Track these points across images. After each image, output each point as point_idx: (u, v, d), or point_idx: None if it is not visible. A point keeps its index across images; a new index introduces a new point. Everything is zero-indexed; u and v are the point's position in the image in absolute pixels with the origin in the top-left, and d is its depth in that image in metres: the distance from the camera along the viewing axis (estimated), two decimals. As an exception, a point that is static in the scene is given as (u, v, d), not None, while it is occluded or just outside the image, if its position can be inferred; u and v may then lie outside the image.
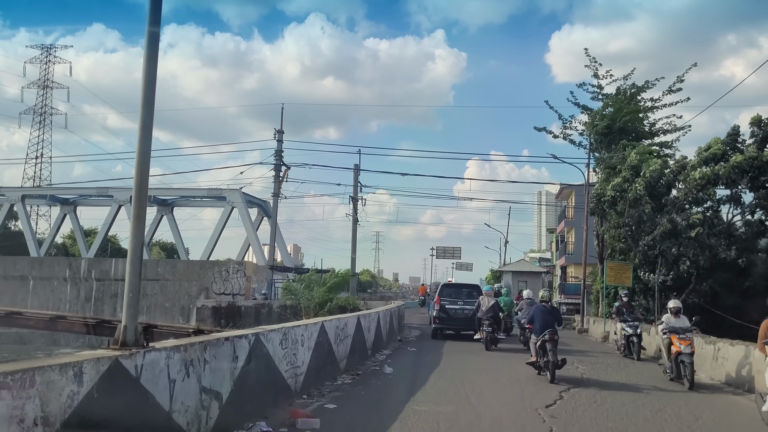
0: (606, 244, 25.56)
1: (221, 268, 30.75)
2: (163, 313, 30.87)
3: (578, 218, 52.03)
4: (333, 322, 10.95)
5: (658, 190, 20.94)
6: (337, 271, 26.90)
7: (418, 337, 21.28)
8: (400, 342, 18.75)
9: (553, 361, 11.05)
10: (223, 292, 30.64)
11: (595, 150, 26.37)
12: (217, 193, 40.27)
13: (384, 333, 16.87)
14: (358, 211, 42.02)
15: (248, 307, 28.56)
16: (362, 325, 13.25)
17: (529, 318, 13.01)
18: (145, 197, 5.96)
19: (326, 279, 26.42)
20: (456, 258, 70.37)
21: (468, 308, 19.60)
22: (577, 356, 15.80)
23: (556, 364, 11.07)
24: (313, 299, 24.78)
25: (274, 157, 31.24)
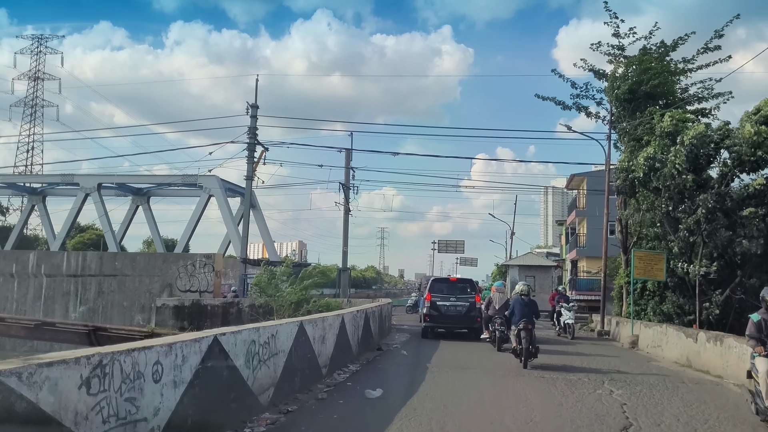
0: (631, 232, 21.60)
1: (186, 262, 26.93)
2: (121, 314, 27.13)
3: (591, 207, 47.98)
4: (244, 334, 7.08)
5: (700, 162, 16.94)
6: (316, 265, 23.14)
7: (404, 343, 17.44)
8: (379, 352, 14.89)
9: (526, 348, 12.43)
10: (188, 288, 26.83)
11: (616, 121, 22.37)
12: (192, 179, 36.44)
13: (354, 342, 13.03)
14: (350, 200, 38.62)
15: (215, 306, 24.72)
16: (309, 334, 9.38)
17: (510, 310, 13.91)
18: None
19: (305, 274, 22.68)
20: (459, 252, 66.39)
21: (461, 305, 18.55)
22: (618, 382, 11.86)
23: (529, 352, 12.46)
24: (285, 298, 21.09)
25: (248, 135, 27.41)
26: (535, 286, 45.03)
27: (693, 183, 16.52)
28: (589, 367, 13.04)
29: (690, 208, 17.42)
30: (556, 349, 16.27)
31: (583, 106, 23.27)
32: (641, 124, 20.56)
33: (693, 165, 16.70)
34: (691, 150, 16.47)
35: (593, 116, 23.61)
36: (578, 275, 50.95)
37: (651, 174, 17.47)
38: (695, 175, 16.85)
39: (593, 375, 11.75)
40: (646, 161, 17.69)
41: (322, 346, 10.23)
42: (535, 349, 12.59)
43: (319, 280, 22.06)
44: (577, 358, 14.44)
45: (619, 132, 22.03)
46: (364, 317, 14.35)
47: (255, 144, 27.51)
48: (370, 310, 15.36)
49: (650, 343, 16.76)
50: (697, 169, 17.03)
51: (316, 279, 21.93)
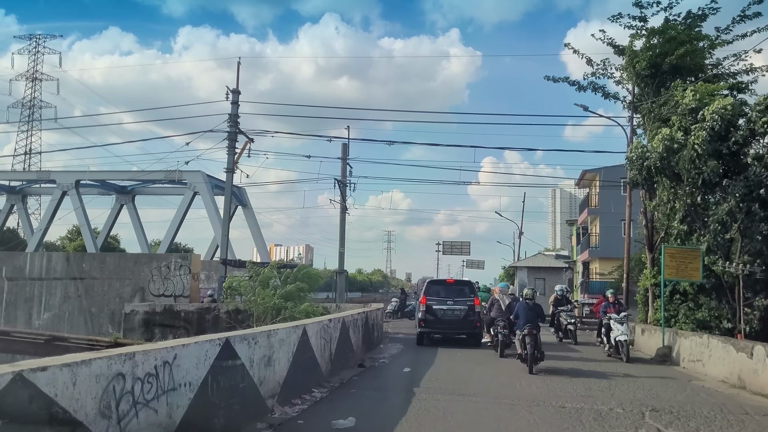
0: (657, 227, 18.87)
1: (160, 264, 24.34)
2: (89, 321, 24.60)
3: (605, 204, 45.15)
4: (96, 366, 4.46)
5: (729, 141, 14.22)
6: (301, 266, 20.57)
7: (394, 356, 14.79)
8: (361, 369, 12.25)
9: (531, 353, 12.16)
10: (162, 293, 24.23)
11: (638, 101, 19.65)
12: (176, 175, 33.92)
13: (324, 359, 10.41)
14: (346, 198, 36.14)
15: (190, 312, 22.32)
16: (242, 356, 6.78)
17: (514, 314, 13.62)
18: None
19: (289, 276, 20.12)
20: (465, 254, 63.59)
21: (459, 308, 17.28)
22: (663, 414, 9.18)
23: (534, 357, 12.18)
24: (259, 304, 18.59)
25: (228, 123, 24.85)
26: (545, 289, 42.32)
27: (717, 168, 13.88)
28: (619, 390, 10.36)
29: (721, 197, 14.80)
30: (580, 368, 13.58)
31: (599, 85, 20.56)
32: (666, 103, 17.87)
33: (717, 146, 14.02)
34: (713, 128, 13.78)
35: (611, 97, 20.89)
36: (590, 278, 48.13)
37: (669, 158, 14.77)
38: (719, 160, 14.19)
39: (628, 404, 9.06)
40: (662, 142, 15.00)
41: (268, 371, 7.60)
42: (540, 354, 12.46)
43: (302, 284, 19.52)
44: (604, 380, 11.71)
45: (642, 113, 19.29)
46: (340, 327, 11.71)
47: (236, 133, 24.94)
48: (350, 318, 12.72)
49: (687, 357, 14.03)
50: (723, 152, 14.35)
51: (299, 284, 19.44)
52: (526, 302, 13.32)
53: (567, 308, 19.32)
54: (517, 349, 13.08)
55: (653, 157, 15.39)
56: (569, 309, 19.37)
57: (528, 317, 12.80)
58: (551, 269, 41.85)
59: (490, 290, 22.87)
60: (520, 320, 12.92)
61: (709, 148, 14.29)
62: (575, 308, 20.13)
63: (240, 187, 39.27)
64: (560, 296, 19.74)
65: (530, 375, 11.84)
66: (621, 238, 46.23)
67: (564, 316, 19.12)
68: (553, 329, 19.96)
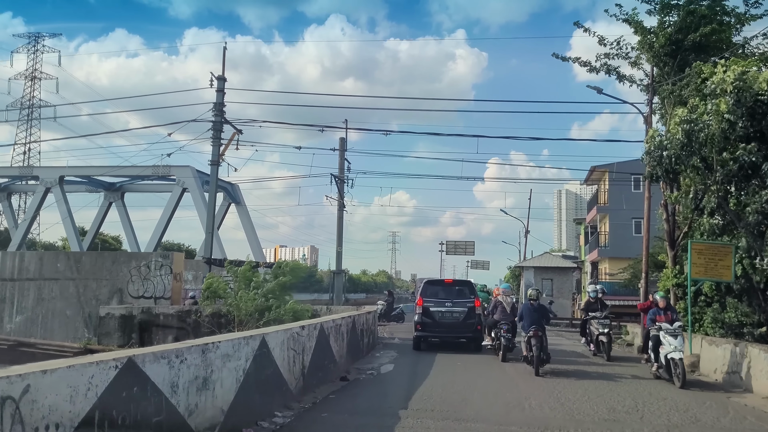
0: (679, 221, 17.06)
1: (140, 263, 22.70)
2: (64, 324, 23.03)
3: (615, 201, 43.27)
4: None
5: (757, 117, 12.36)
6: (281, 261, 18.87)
7: (385, 366, 13.02)
8: (342, 384, 10.51)
9: (537, 355, 11.84)
10: (142, 294, 22.63)
11: (657, 82, 17.84)
12: (164, 171, 32.26)
13: (294, 374, 8.68)
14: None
15: (169, 316, 20.63)
16: (157, 381, 5.03)
17: (519, 315, 13.47)
18: None
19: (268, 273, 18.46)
20: (469, 254, 61.80)
21: (458, 310, 16.09)
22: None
23: (540, 359, 11.88)
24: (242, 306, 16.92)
25: (213, 112, 23.17)
26: (552, 290, 40.50)
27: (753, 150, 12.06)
28: (649, 412, 8.58)
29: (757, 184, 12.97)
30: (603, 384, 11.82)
31: (613, 67, 18.73)
32: (688, 84, 16.06)
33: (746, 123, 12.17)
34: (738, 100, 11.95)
35: (626, 80, 19.05)
36: (599, 278, 46.25)
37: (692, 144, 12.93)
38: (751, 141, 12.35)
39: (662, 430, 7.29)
40: (681, 124, 13.15)
41: (203, 396, 5.86)
42: (546, 356, 12.21)
43: (285, 280, 17.84)
44: (629, 398, 9.93)
45: (661, 95, 17.48)
46: (317, 335, 9.96)
47: (221, 123, 23.25)
48: (331, 324, 10.96)
49: (719, 368, 12.22)
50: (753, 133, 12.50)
51: (280, 279, 17.77)
52: (530, 303, 13.03)
53: (600, 314, 15.73)
54: (523, 350, 12.76)
55: (673, 145, 13.56)
56: (603, 315, 15.72)
57: (533, 318, 12.51)
58: (559, 269, 40.03)
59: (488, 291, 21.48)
60: (525, 321, 12.63)
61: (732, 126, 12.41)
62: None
63: (233, 184, 37.68)
64: (593, 299, 16.13)
65: (542, 391, 10.08)
66: (632, 237, 44.53)
67: (596, 324, 15.58)
68: (584, 339, 16.61)
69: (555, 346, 17.05)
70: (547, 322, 13.20)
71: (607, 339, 15.02)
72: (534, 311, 12.81)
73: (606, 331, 15.15)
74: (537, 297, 13.45)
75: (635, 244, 41.14)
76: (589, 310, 16.06)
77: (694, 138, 12.93)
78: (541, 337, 12.21)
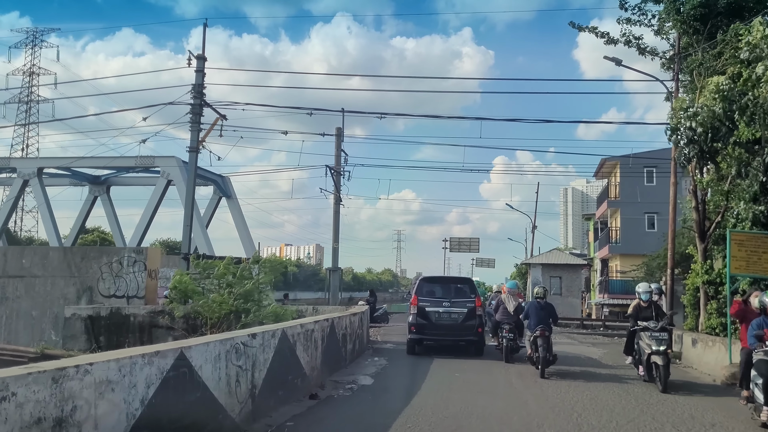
0: (710, 209, 14.99)
1: (111, 259, 20.75)
2: (29, 326, 21.12)
3: (627, 195, 41.14)
4: None
5: None
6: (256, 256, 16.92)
7: (370, 377, 11.02)
8: (311, 403, 8.53)
9: (543, 356, 11.32)
10: (113, 293, 20.69)
11: (685, 52, 15.75)
12: (148, 162, 30.34)
13: (240, 395, 6.71)
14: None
15: (140, 316, 18.73)
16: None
17: (524, 314, 12.80)
18: None
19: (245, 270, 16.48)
20: (474, 251, 59.75)
21: (457, 311, 14.53)
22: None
23: (546, 360, 11.33)
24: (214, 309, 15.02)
25: (192, 94, 21.21)
26: (561, 289, 38.43)
27: None
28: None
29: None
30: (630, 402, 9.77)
31: (634, 37, 16.66)
32: (722, 53, 13.98)
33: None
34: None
35: (648, 53, 16.99)
36: (610, 276, 44.17)
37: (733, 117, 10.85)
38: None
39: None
40: (719, 95, 11.09)
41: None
42: (552, 357, 11.67)
43: (265, 279, 15.92)
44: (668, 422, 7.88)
45: (690, 67, 15.37)
46: (275, 345, 7.96)
47: (201, 106, 21.28)
48: (296, 330, 8.95)
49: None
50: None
51: (259, 277, 15.85)
52: (537, 301, 12.46)
53: (655, 325, 10.68)
54: (528, 350, 12.34)
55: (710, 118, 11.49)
56: (659, 326, 10.67)
57: (539, 317, 11.98)
58: (568, 266, 37.85)
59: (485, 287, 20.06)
60: (531, 321, 12.12)
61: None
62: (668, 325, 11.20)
63: (224, 177, 35.78)
64: (645, 302, 11.41)
65: (557, 414, 8.06)
66: (645, 233, 42.35)
67: (647, 339, 10.62)
68: (630, 359, 12.05)
69: (568, 353, 15.06)
70: (554, 321, 12.59)
71: (664, 361, 10.17)
72: (540, 309, 12.19)
73: (662, 349, 10.31)
74: (544, 295, 12.70)
75: (648, 240, 39.08)
76: (639, 318, 11.19)
77: (737, 109, 10.87)
78: (548, 337, 11.63)
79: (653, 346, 10.42)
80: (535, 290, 13.13)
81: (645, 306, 11.43)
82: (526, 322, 12.72)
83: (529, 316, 12.36)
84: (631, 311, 11.80)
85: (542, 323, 11.85)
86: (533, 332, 11.86)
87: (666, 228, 33.74)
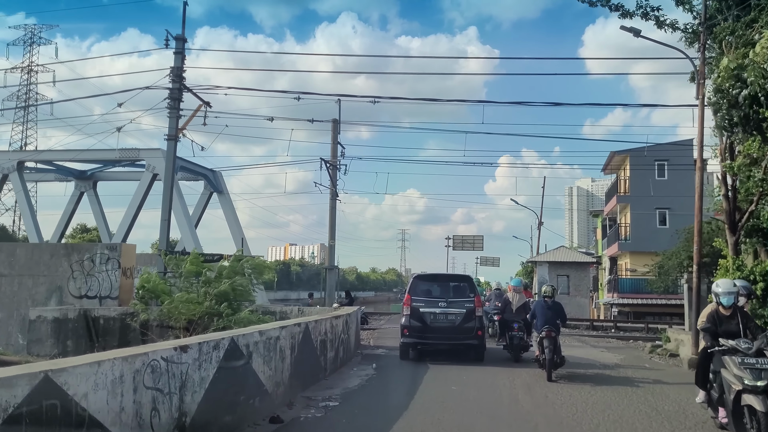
0: (740, 198, 13.28)
1: (82, 257, 19.15)
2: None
3: (639, 189, 39.43)
4: None
5: None
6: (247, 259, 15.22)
7: (351, 393, 9.37)
8: (273, 428, 6.89)
9: (549, 358, 10.83)
10: (85, 293, 19.05)
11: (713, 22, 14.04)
12: (132, 155, 28.77)
13: (163, 425, 5.03)
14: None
15: (111, 319, 17.25)
16: None
17: (531, 314, 12.26)
18: None
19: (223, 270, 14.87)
20: (477, 249, 57.90)
21: (454, 312, 13.18)
22: None
23: (553, 362, 10.86)
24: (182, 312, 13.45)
25: (170, 78, 19.61)
26: (569, 288, 36.69)
27: None
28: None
29: None
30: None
31: (652, 8, 14.94)
32: (755, 20, 12.30)
33: None
34: None
35: (668, 27, 15.26)
36: (620, 274, 42.38)
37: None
38: None
39: None
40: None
41: None
42: (560, 359, 11.15)
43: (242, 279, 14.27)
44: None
45: (718, 38, 13.64)
46: (220, 359, 6.30)
47: (180, 90, 19.65)
48: (253, 339, 7.29)
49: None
50: None
51: (237, 278, 14.22)
52: (544, 300, 11.89)
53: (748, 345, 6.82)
54: (536, 351, 11.77)
55: (752, 82, 9.79)
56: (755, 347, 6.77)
57: (546, 317, 11.45)
58: (576, 264, 36.15)
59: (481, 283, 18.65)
60: (538, 321, 11.57)
61: None
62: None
63: (215, 171, 34.19)
64: (728, 308, 7.42)
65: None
66: (656, 229, 40.50)
67: (737, 367, 6.67)
68: (702, 394, 7.71)
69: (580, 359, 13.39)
70: (562, 321, 12.09)
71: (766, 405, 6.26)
72: (548, 309, 11.60)
73: (762, 385, 6.41)
74: (552, 294, 12.05)
75: (660, 237, 37.25)
76: (720, 334, 7.26)
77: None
78: (555, 338, 11.14)
79: (746, 379, 6.49)
80: (543, 289, 12.47)
81: (727, 315, 7.41)
82: (533, 322, 12.04)
83: (536, 316, 11.78)
84: (704, 321, 7.74)
85: (549, 323, 11.26)
86: (540, 333, 11.31)
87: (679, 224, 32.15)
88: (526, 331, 13.41)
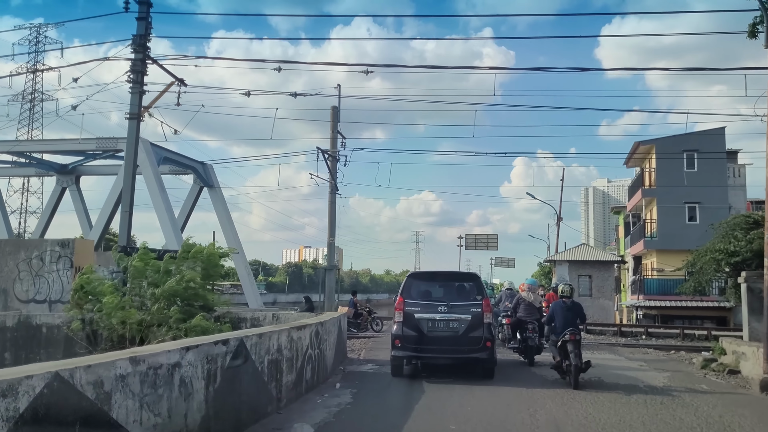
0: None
1: (30, 255, 16.63)
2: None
3: (668, 179, 36.25)
4: None
5: None
6: (187, 244, 12.57)
7: (319, 428, 6.61)
8: None
9: (576, 364, 9.90)
10: (33, 297, 16.58)
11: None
12: (110, 144, 26.24)
13: None
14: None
15: (54, 327, 14.61)
16: None
17: (548, 316, 11.18)
18: None
19: (173, 265, 12.19)
20: (491, 249, 55.05)
21: (457, 319, 10.53)
22: None
23: (579, 368, 9.91)
24: (113, 320, 10.88)
25: (132, 47, 16.98)
26: (590, 289, 33.71)
27: None
28: None
29: None
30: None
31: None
32: None
33: None
34: None
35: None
36: (645, 275, 39.20)
37: None
38: None
39: None
40: None
41: None
42: (585, 364, 10.00)
43: (193, 273, 11.60)
44: None
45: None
46: (24, 410, 3.53)
47: (144, 60, 17.01)
48: (119, 372, 4.53)
49: None
50: None
51: (189, 273, 11.57)
52: (563, 301, 10.88)
53: None
54: (554, 357, 10.71)
55: None
56: None
57: (566, 319, 10.46)
58: (599, 264, 33.17)
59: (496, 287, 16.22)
60: (557, 323, 10.58)
61: None
62: None
63: (205, 164, 31.66)
64: None
65: None
66: (685, 225, 37.16)
67: None
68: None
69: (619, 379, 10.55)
70: (582, 322, 11.26)
71: None
72: (567, 310, 10.62)
73: None
74: (570, 294, 11.13)
75: (690, 233, 33.97)
76: None
77: None
78: (579, 341, 10.29)
79: None
80: (560, 288, 11.43)
81: None
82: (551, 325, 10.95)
83: (554, 318, 10.70)
84: None
85: (570, 326, 10.34)
86: (561, 337, 10.33)
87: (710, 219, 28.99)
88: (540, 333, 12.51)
